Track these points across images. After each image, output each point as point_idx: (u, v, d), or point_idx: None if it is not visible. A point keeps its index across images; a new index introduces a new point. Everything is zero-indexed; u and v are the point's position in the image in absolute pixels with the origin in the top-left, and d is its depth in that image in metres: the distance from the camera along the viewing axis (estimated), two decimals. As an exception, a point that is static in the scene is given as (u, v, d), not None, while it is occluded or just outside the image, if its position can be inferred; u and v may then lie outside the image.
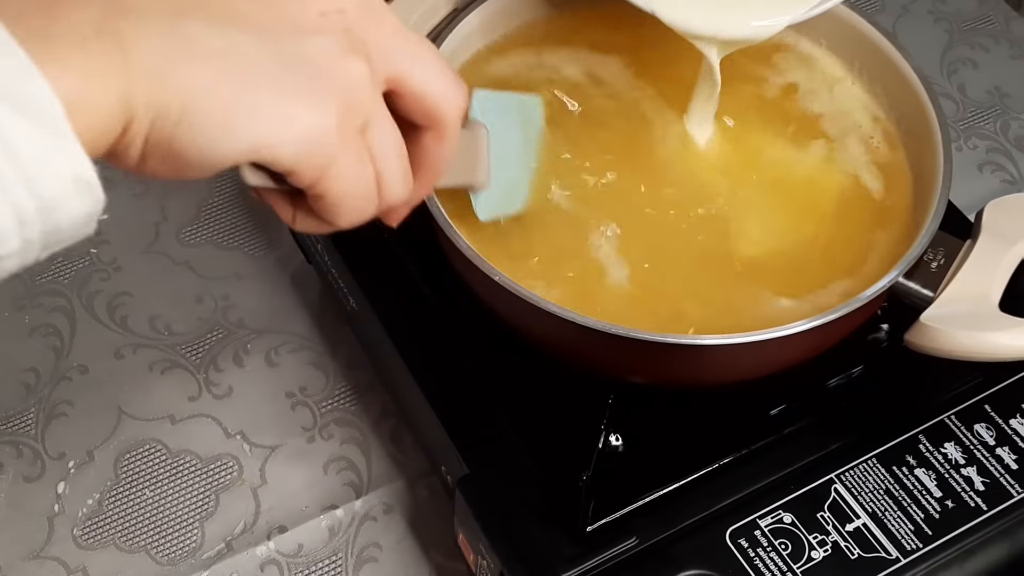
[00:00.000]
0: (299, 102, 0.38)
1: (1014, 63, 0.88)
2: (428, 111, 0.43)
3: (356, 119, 0.40)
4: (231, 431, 0.68)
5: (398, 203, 0.44)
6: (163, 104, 0.35)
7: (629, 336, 0.51)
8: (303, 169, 0.39)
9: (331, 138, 0.39)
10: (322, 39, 0.39)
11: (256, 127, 0.37)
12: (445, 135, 0.44)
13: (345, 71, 0.39)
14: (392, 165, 0.42)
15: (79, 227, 0.35)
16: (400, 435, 0.68)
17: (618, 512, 0.55)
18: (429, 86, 0.42)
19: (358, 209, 0.42)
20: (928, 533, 0.54)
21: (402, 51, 0.42)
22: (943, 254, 0.55)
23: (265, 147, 0.37)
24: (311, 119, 0.38)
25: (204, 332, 0.72)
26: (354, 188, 0.41)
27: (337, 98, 0.39)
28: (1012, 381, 0.59)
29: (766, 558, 0.53)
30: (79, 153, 0.33)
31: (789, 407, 0.59)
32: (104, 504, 0.65)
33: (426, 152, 0.44)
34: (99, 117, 0.34)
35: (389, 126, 0.42)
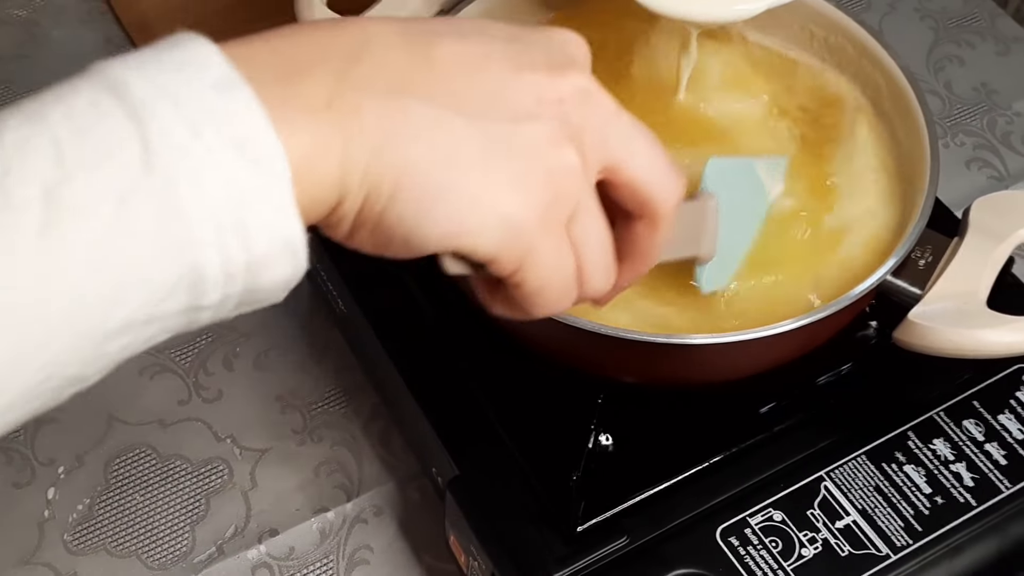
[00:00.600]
0: (505, 189, 0.37)
1: (1000, 59, 0.88)
2: (641, 202, 0.41)
3: (563, 210, 0.39)
4: (221, 435, 0.68)
5: (599, 295, 0.43)
6: (378, 180, 0.35)
7: (618, 336, 0.51)
8: (503, 258, 0.38)
9: (533, 227, 0.38)
10: (537, 127, 0.38)
11: (460, 212, 0.36)
12: (658, 226, 0.42)
13: (557, 161, 0.38)
14: (595, 258, 0.41)
15: (275, 291, 0.35)
16: (390, 437, 0.68)
17: (609, 512, 0.55)
18: (644, 177, 0.41)
19: (556, 300, 0.41)
20: (918, 529, 0.54)
21: (618, 140, 0.40)
22: (931, 251, 0.55)
23: (466, 234, 0.37)
24: (515, 208, 0.37)
25: (193, 336, 0.72)
26: (553, 279, 0.40)
27: (545, 188, 0.38)
28: (1000, 377, 0.60)
29: (757, 556, 0.54)
30: (296, 218, 0.33)
31: (779, 405, 0.59)
32: (94, 509, 0.65)
33: (637, 241, 0.43)
34: (318, 187, 0.35)
35: (596, 219, 0.40)
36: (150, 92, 0.32)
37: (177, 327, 0.34)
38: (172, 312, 0.33)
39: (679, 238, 0.48)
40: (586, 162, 0.39)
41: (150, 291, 0.32)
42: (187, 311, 0.33)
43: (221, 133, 0.32)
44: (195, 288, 0.33)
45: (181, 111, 0.32)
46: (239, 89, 0.33)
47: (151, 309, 0.32)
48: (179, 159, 0.32)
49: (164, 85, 0.32)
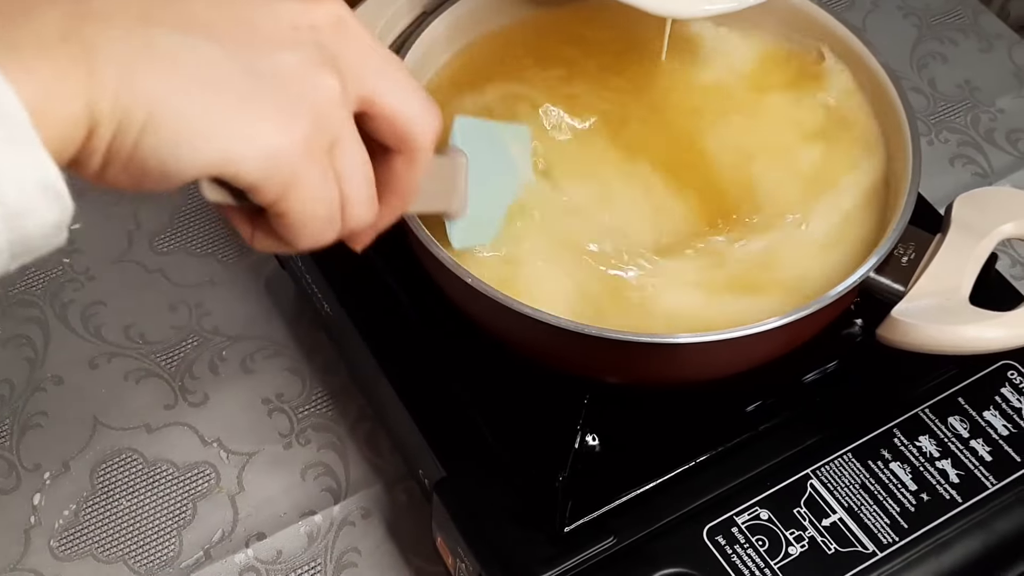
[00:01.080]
0: (265, 117, 0.37)
1: (983, 56, 0.89)
2: (399, 134, 0.41)
3: (324, 137, 0.38)
4: (208, 439, 0.68)
5: (362, 227, 0.42)
6: (127, 112, 0.34)
7: (602, 336, 0.51)
8: (265, 186, 0.37)
9: (296, 155, 0.37)
10: (293, 54, 0.38)
11: (219, 140, 0.36)
12: (416, 160, 0.42)
13: (315, 87, 0.38)
14: (358, 188, 0.41)
15: (49, 236, 0.34)
16: (377, 439, 0.68)
17: (596, 512, 0.55)
18: (401, 108, 0.41)
19: (319, 231, 0.40)
20: (904, 526, 0.54)
21: (375, 70, 0.40)
22: (914, 248, 0.55)
23: (228, 162, 0.36)
24: (277, 135, 0.37)
25: (179, 340, 0.72)
26: (317, 209, 0.39)
27: (305, 115, 0.38)
28: (985, 373, 0.60)
29: (743, 555, 0.54)
30: (46, 160, 0.33)
31: (765, 403, 0.59)
32: (81, 515, 0.65)
33: (395, 176, 0.43)
34: (64, 124, 0.33)
35: (357, 147, 0.40)
36: None
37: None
38: None
39: (431, 191, 0.49)
40: (345, 90, 0.39)
41: None
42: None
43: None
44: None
45: None
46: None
47: None
48: None
49: None
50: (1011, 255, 0.77)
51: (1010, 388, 0.59)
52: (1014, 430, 0.58)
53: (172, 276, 0.75)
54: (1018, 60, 0.88)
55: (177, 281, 0.75)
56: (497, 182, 0.55)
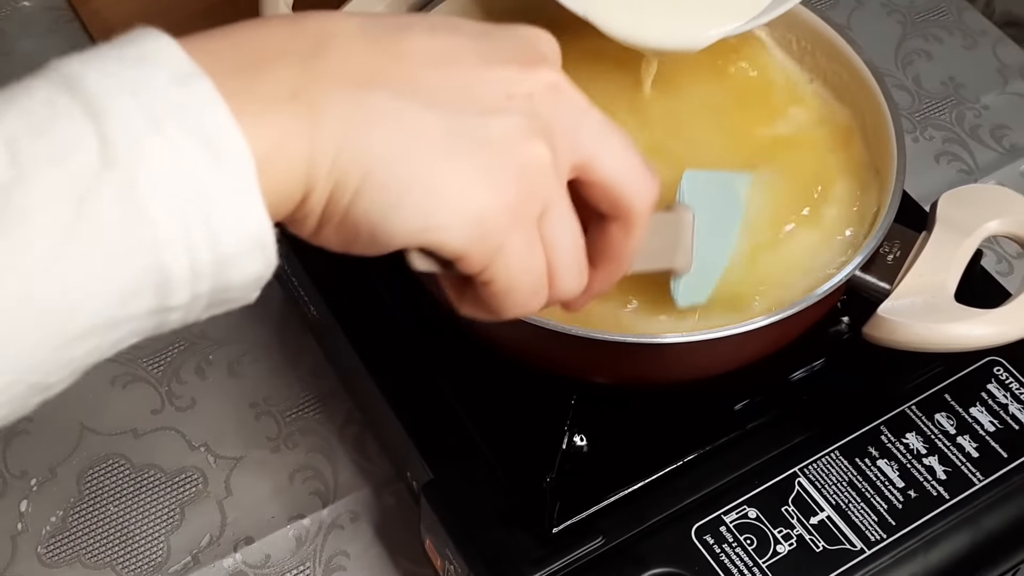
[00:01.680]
0: (474, 184, 0.36)
1: (968, 53, 0.89)
2: (615, 202, 0.40)
3: (534, 206, 0.38)
4: (195, 443, 0.68)
5: (570, 297, 0.42)
6: (344, 173, 0.34)
7: (588, 337, 0.51)
8: (471, 255, 0.37)
9: (503, 223, 0.37)
10: (506, 120, 0.37)
11: (427, 205, 0.35)
12: (633, 227, 0.41)
13: (527, 155, 0.37)
14: (567, 257, 0.40)
15: (247, 290, 0.34)
16: (365, 442, 0.68)
17: (584, 512, 0.55)
18: (617, 176, 0.40)
19: (525, 300, 0.40)
20: (892, 524, 0.55)
21: (590, 137, 0.39)
22: (899, 247, 0.55)
23: (434, 229, 0.36)
24: (485, 203, 0.36)
25: (165, 344, 0.72)
26: (523, 278, 0.39)
27: (515, 183, 0.37)
28: (971, 370, 0.60)
29: (732, 554, 0.54)
30: (263, 213, 0.33)
31: (752, 402, 0.60)
32: (68, 521, 0.65)
33: (611, 243, 0.42)
34: (284, 180, 0.34)
35: (567, 216, 0.39)
36: (107, 86, 0.31)
37: (145, 329, 0.33)
38: (139, 314, 0.32)
39: (654, 249, 0.48)
40: (557, 158, 0.38)
41: (114, 292, 0.31)
42: (155, 312, 0.32)
43: (182, 126, 0.31)
44: (162, 288, 0.32)
45: (140, 104, 0.31)
46: (199, 81, 0.32)
47: (116, 311, 0.32)
48: (139, 153, 0.31)
49: (122, 79, 0.31)
50: (996, 251, 0.77)
51: (996, 384, 0.59)
52: (1000, 426, 0.58)
53: (158, 280, 0.75)
54: (1002, 57, 0.88)
55: (163, 285, 0.74)
56: (721, 232, 0.54)
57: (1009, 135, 0.84)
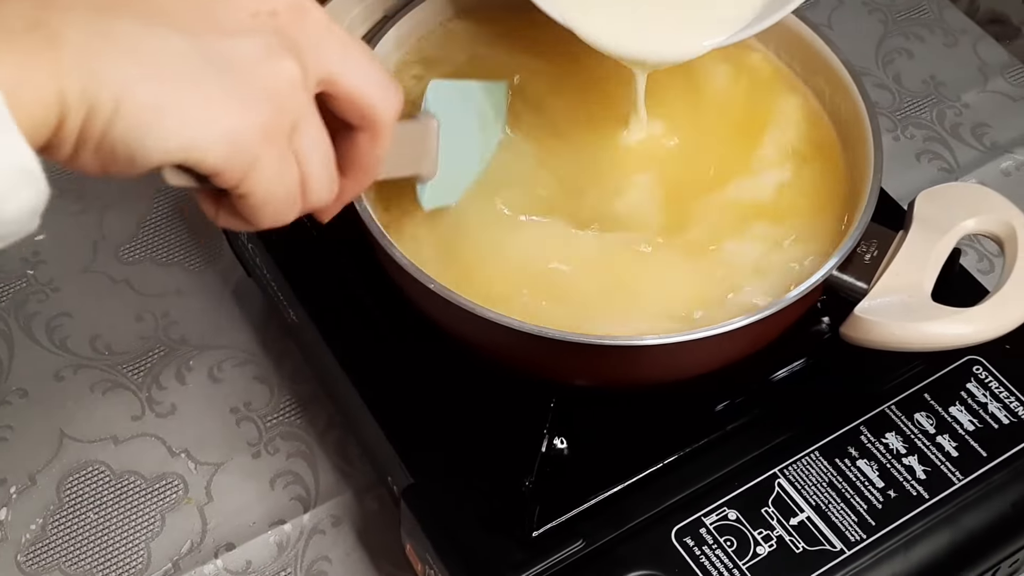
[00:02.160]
0: (226, 103, 0.38)
1: (948, 52, 0.89)
2: (362, 112, 0.43)
3: (284, 121, 0.40)
4: (175, 449, 0.68)
5: (322, 205, 0.44)
6: (96, 99, 0.35)
7: (565, 340, 0.50)
8: (226, 171, 0.38)
9: (256, 140, 0.38)
10: (252, 40, 0.39)
11: (183, 126, 0.37)
12: (379, 136, 0.44)
13: (275, 73, 0.39)
14: (318, 168, 0.42)
15: (23, 222, 0.35)
16: (347, 447, 0.68)
17: (564, 516, 0.55)
18: (362, 88, 0.42)
19: (280, 210, 0.41)
20: (871, 524, 0.54)
21: (335, 52, 0.41)
22: (876, 246, 0.55)
23: (190, 148, 0.37)
24: (237, 120, 0.38)
25: (145, 350, 0.72)
26: (277, 190, 0.40)
27: (266, 100, 0.39)
28: (950, 369, 0.60)
29: (712, 556, 0.53)
30: (22, 143, 0.33)
31: (733, 402, 0.59)
32: (48, 529, 0.64)
33: (359, 152, 0.44)
34: (36, 110, 0.34)
35: (317, 130, 0.41)
36: None
37: None
38: None
39: (401, 156, 0.51)
40: (305, 74, 0.40)
41: None
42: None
43: None
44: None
45: None
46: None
47: None
48: None
49: None
50: (977, 249, 0.77)
51: (975, 383, 0.59)
52: (980, 425, 0.58)
53: (138, 286, 0.75)
54: (983, 55, 0.89)
55: (143, 291, 0.74)
56: (470, 141, 0.56)
57: (990, 133, 0.84)
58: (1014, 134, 0.84)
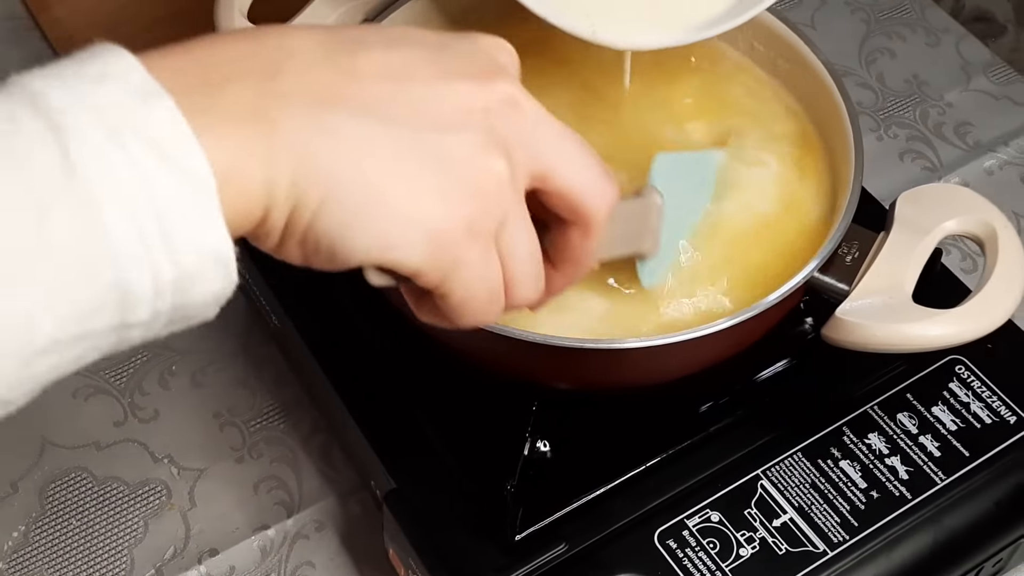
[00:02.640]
0: (431, 201, 0.37)
1: (931, 51, 0.89)
2: (574, 208, 0.41)
3: (490, 221, 0.38)
4: (158, 455, 0.68)
5: (528, 303, 0.42)
6: (304, 192, 0.35)
7: (547, 343, 0.50)
8: (427, 272, 0.38)
9: (459, 240, 0.37)
10: (463, 136, 0.37)
11: (384, 225, 0.36)
12: (591, 231, 0.42)
13: (483, 171, 0.38)
14: (523, 269, 0.40)
15: (207, 307, 0.34)
16: (330, 451, 0.68)
17: (547, 519, 0.55)
18: (575, 184, 0.40)
19: (482, 310, 0.40)
20: (854, 524, 0.55)
21: (548, 147, 0.40)
22: (857, 247, 0.55)
23: (391, 248, 0.36)
24: (440, 220, 0.37)
25: (128, 356, 0.71)
26: (479, 291, 0.39)
27: (472, 199, 0.37)
28: (933, 369, 0.60)
29: (695, 558, 0.53)
30: (223, 229, 0.33)
31: (717, 404, 0.59)
32: (30, 536, 0.64)
33: (570, 247, 0.42)
34: (244, 198, 0.34)
35: (524, 229, 0.40)
36: (69, 101, 0.31)
37: (106, 346, 0.33)
38: (100, 330, 0.32)
39: (622, 236, 0.48)
40: (515, 172, 0.39)
41: (75, 308, 0.31)
42: (116, 329, 0.33)
43: (143, 141, 0.31)
44: (123, 304, 0.32)
45: (102, 120, 0.31)
46: (160, 97, 0.32)
47: (77, 327, 0.32)
48: (100, 167, 0.31)
49: (83, 94, 0.32)
50: (961, 249, 0.77)
51: (958, 383, 0.59)
52: (962, 425, 0.58)
53: (120, 291, 0.74)
54: (965, 54, 0.89)
55: (125, 296, 0.74)
56: (686, 211, 0.55)
57: (973, 132, 0.84)
58: (997, 133, 0.84)
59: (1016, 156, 0.82)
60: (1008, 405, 0.59)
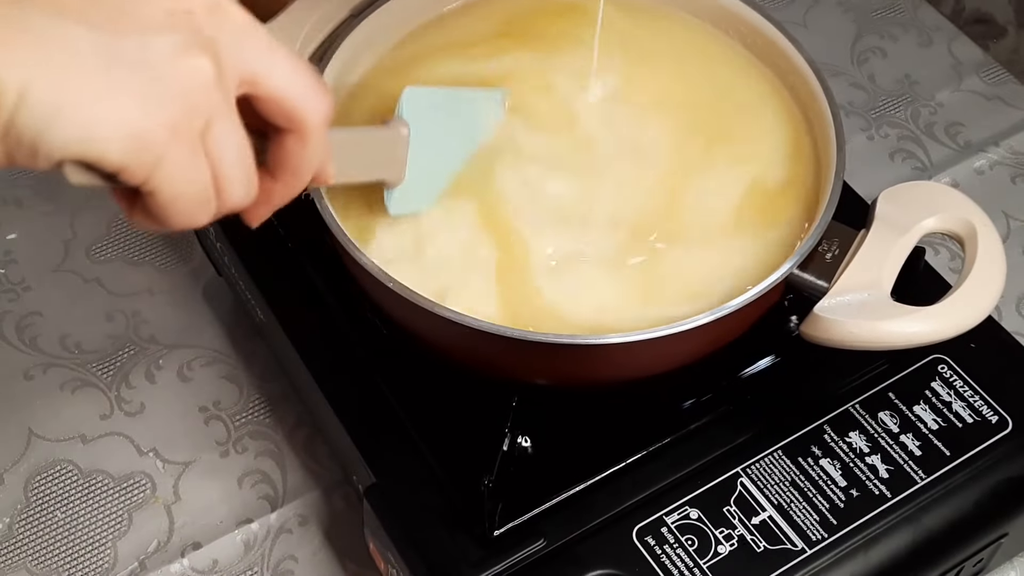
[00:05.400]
0: (132, 99, 0.38)
1: (922, 50, 0.89)
2: (287, 115, 0.42)
3: (194, 120, 0.39)
4: (144, 448, 0.68)
5: (241, 207, 0.43)
6: (2, 88, 0.35)
7: (524, 339, 0.50)
8: (130, 168, 0.38)
9: (161, 137, 0.38)
10: (166, 37, 0.39)
11: (83, 120, 0.37)
12: (307, 139, 0.43)
13: (187, 70, 0.39)
14: (232, 170, 0.41)
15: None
16: (315, 446, 0.68)
17: (526, 515, 0.55)
18: (286, 89, 0.42)
19: (192, 210, 0.41)
20: (833, 523, 0.54)
21: (256, 52, 0.41)
22: (838, 244, 0.55)
23: (91, 141, 0.37)
24: (140, 116, 0.38)
25: (115, 349, 0.72)
26: (186, 189, 0.40)
27: (175, 97, 0.38)
28: (915, 368, 0.60)
29: (672, 555, 0.53)
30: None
31: (700, 400, 0.59)
32: (14, 528, 0.64)
33: (288, 155, 0.44)
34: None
35: (232, 129, 0.41)
36: None
37: None
38: None
39: (364, 161, 0.51)
40: (222, 73, 0.40)
41: None
42: None
43: None
44: None
45: None
46: None
47: None
48: None
49: None
50: (949, 248, 0.77)
51: (940, 382, 0.59)
52: (943, 424, 0.58)
53: (109, 285, 0.74)
54: (957, 54, 0.89)
55: (114, 290, 0.74)
56: (443, 149, 0.56)
57: (963, 132, 0.84)
58: (988, 133, 0.84)
59: (1007, 156, 0.82)
60: (990, 404, 0.58)
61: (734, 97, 0.63)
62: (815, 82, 0.59)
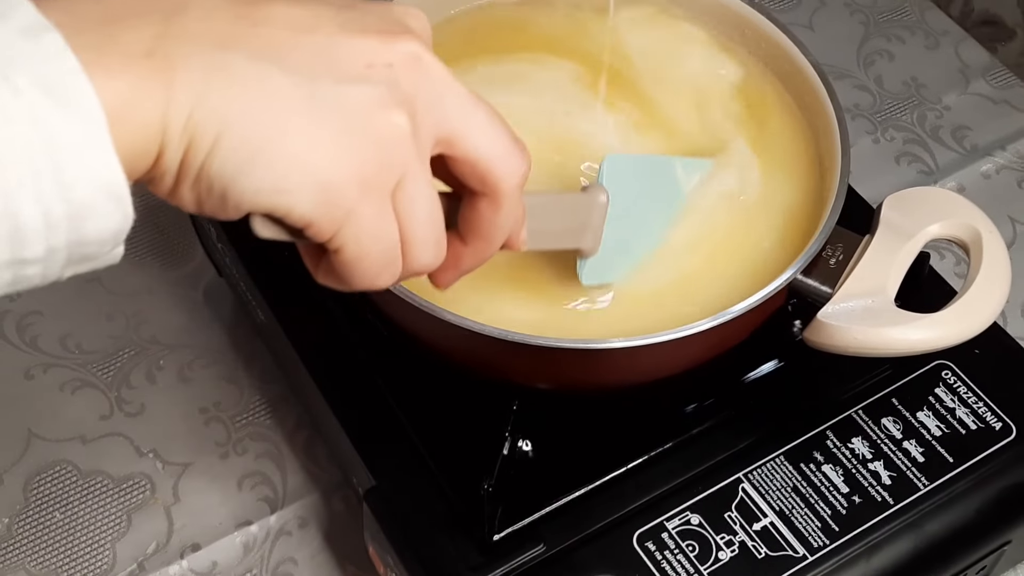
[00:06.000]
0: (325, 151, 0.36)
1: (929, 53, 0.88)
2: (482, 177, 0.40)
3: (387, 177, 0.38)
4: (143, 449, 0.67)
5: (427, 270, 0.41)
6: (199, 132, 0.35)
7: (526, 343, 0.50)
8: (318, 221, 0.37)
9: (352, 193, 0.37)
10: (364, 89, 0.37)
11: (276, 169, 0.35)
12: (502, 204, 0.41)
13: (383, 124, 0.37)
14: (421, 230, 0.39)
15: (105, 244, 0.34)
16: (315, 448, 0.68)
17: (526, 519, 0.55)
18: (482, 152, 0.40)
19: (375, 271, 0.39)
20: (835, 529, 0.54)
21: (454, 111, 0.39)
22: (842, 250, 0.55)
23: (281, 192, 0.36)
24: (334, 170, 0.36)
25: (116, 349, 0.71)
26: (372, 249, 0.38)
27: (368, 152, 0.37)
28: (919, 374, 0.59)
29: (673, 560, 0.53)
30: (115, 163, 0.33)
31: (703, 404, 0.59)
32: (13, 529, 0.64)
33: (480, 219, 0.42)
34: (138, 135, 0.34)
35: (424, 191, 0.39)
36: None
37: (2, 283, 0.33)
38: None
39: (560, 229, 0.48)
40: (418, 130, 0.38)
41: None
42: (10, 264, 0.32)
43: (29, 75, 0.31)
44: (14, 238, 0.32)
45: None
46: (48, 33, 0.32)
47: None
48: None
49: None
50: (955, 254, 0.77)
51: (944, 388, 0.59)
52: (947, 430, 0.57)
53: (110, 285, 0.74)
54: (964, 57, 0.88)
55: (115, 290, 0.74)
56: (642, 218, 0.54)
57: (970, 136, 0.83)
58: (994, 137, 0.83)
59: (1013, 160, 0.82)
60: (994, 411, 0.58)
61: (737, 102, 0.62)
62: (820, 86, 0.59)
